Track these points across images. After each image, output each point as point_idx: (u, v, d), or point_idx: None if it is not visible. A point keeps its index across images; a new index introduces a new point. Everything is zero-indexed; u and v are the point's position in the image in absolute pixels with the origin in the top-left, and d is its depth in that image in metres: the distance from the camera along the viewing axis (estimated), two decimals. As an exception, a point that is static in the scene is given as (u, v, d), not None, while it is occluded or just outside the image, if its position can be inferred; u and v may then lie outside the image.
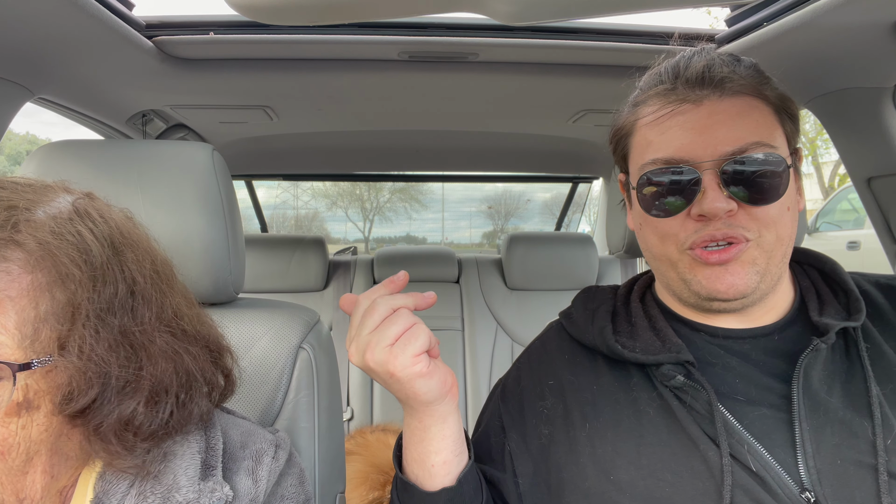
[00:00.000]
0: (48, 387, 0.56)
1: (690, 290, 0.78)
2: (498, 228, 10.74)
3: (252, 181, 2.99)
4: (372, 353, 0.66)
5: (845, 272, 0.84)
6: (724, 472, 0.70)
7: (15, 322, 0.53)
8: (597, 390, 0.83)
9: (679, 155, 0.75)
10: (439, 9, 0.80)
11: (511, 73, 1.50)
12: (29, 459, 0.58)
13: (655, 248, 0.80)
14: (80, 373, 0.56)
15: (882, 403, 0.72)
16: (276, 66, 1.45)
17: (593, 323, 0.87)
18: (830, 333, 0.75)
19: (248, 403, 0.92)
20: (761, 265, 0.75)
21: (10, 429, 0.55)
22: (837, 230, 7.15)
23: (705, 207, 0.73)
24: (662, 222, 0.77)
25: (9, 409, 0.54)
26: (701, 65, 0.76)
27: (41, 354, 0.55)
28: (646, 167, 0.78)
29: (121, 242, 0.62)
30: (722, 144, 0.73)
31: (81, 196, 0.64)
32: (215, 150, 0.95)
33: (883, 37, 1.05)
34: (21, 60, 1.13)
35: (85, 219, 0.60)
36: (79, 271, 0.57)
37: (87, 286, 0.57)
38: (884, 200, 1.35)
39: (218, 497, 0.65)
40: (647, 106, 0.80)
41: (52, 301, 0.55)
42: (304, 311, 1.02)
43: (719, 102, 0.75)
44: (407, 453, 0.77)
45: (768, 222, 0.74)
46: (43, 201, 0.58)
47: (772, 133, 0.76)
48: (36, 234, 0.55)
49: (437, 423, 0.74)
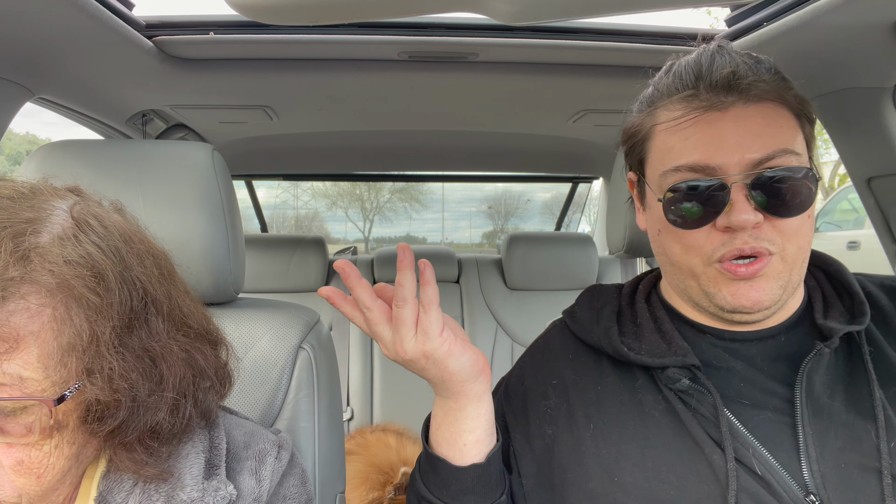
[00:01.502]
0: (75, 405, 0.57)
1: (713, 302, 0.76)
2: (498, 228, 10.75)
3: (252, 181, 2.99)
4: (402, 346, 0.69)
5: (850, 274, 0.83)
6: (729, 476, 0.70)
7: (37, 355, 0.54)
8: (601, 391, 0.82)
9: (705, 162, 0.72)
10: (439, 9, 0.80)
11: (511, 73, 1.49)
12: (62, 476, 0.58)
13: (678, 258, 0.78)
14: (108, 395, 0.57)
15: (886, 407, 0.72)
16: (276, 66, 1.45)
17: (598, 323, 0.86)
18: (834, 338, 0.74)
19: (249, 403, 0.92)
20: (784, 278, 0.74)
21: (45, 450, 0.56)
22: (837, 230, 7.15)
23: (733, 220, 0.70)
24: (686, 233, 0.75)
25: (41, 432, 0.55)
26: (727, 70, 0.74)
27: (68, 382, 0.55)
28: (668, 175, 0.76)
29: (126, 252, 0.61)
30: (749, 153, 0.71)
31: (71, 197, 0.62)
32: (215, 150, 0.95)
33: (883, 37, 1.05)
34: (21, 60, 1.13)
35: (89, 233, 0.59)
36: (96, 297, 0.56)
37: (105, 309, 0.57)
38: (884, 200, 1.35)
39: (222, 496, 0.65)
40: (668, 111, 0.77)
41: (72, 329, 0.55)
42: (304, 311, 1.02)
43: (745, 109, 0.73)
44: (438, 434, 0.78)
45: (791, 234, 0.72)
46: (41, 218, 0.57)
47: (795, 139, 0.74)
48: (50, 268, 0.54)
49: (472, 403, 0.75)
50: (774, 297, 0.73)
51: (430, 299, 0.70)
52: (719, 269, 0.74)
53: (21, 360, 0.53)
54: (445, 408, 0.76)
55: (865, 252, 6.35)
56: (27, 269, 0.53)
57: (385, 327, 0.71)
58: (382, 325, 0.71)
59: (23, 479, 0.55)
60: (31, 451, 0.55)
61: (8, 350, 0.52)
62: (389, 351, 0.72)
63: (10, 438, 0.54)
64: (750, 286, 0.73)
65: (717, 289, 0.75)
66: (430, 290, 0.70)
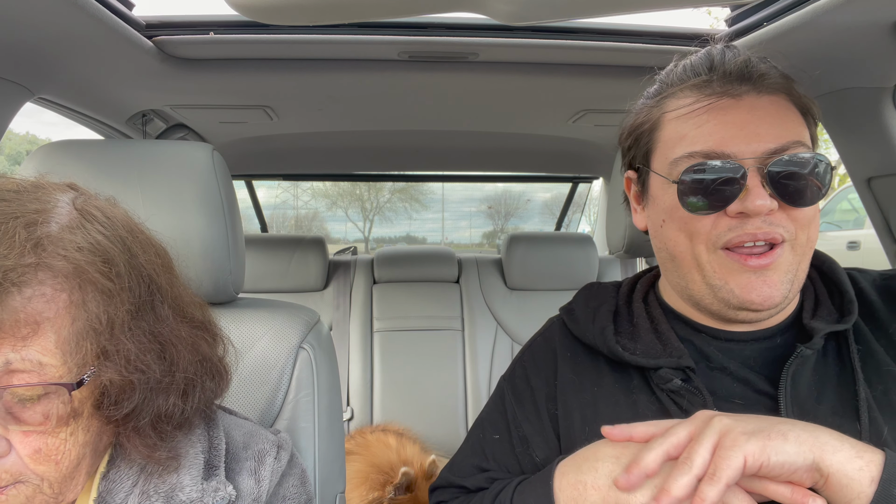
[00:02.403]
0: (89, 393, 0.58)
1: (717, 297, 0.74)
2: (498, 228, 10.74)
3: (252, 181, 2.99)
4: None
5: (842, 271, 0.83)
6: None
7: (55, 342, 0.55)
8: (598, 391, 0.82)
9: (721, 148, 0.72)
10: (439, 9, 0.80)
11: (511, 73, 1.49)
12: (78, 464, 0.60)
13: (680, 247, 0.76)
14: (123, 379, 0.58)
15: (871, 407, 0.71)
16: (276, 66, 1.45)
17: (594, 322, 0.86)
18: (815, 339, 0.74)
19: (248, 403, 0.92)
20: (793, 271, 0.73)
21: (61, 437, 0.57)
22: (837, 230, 7.14)
23: (748, 205, 0.69)
24: (694, 219, 0.74)
25: (58, 419, 0.56)
26: (741, 59, 0.74)
27: (85, 367, 0.57)
28: (681, 161, 0.74)
29: (130, 241, 0.63)
30: (764, 141, 0.71)
31: (70, 191, 0.64)
32: (215, 150, 0.95)
33: (883, 37, 1.05)
34: (21, 60, 1.13)
35: (93, 222, 0.60)
36: (108, 282, 0.58)
37: (118, 293, 0.58)
38: (884, 200, 1.35)
39: (221, 496, 0.65)
40: (678, 99, 0.77)
41: (87, 315, 0.56)
42: (304, 311, 1.02)
43: (758, 99, 0.73)
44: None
45: (804, 223, 0.72)
46: (47, 209, 0.58)
47: (803, 133, 0.74)
48: (64, 254, 0.56)
49: None
50: (784, 291, 0.72)
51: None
52: (726, 257, 0.72)
53: (39, 346, 0.54)
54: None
55: (865, 252, 6.35)
56: (42, 256, 0.55)
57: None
58: None
59: (42, 467, 0.56)
60: (48, 438, 0.56)
61: (27, 336, 0.53)
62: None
63: (27, 427, 0.55)
64: (762, 280, 0.71)
65: (724, 281, 0.73)
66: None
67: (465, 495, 0.86)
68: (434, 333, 2.42)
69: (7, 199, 0.57)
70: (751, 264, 0.71)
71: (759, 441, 0.58)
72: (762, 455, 0.57)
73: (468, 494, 0.86)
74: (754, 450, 0.57)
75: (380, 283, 2.53)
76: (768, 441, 0.58)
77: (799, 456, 0.58)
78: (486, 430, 0.90)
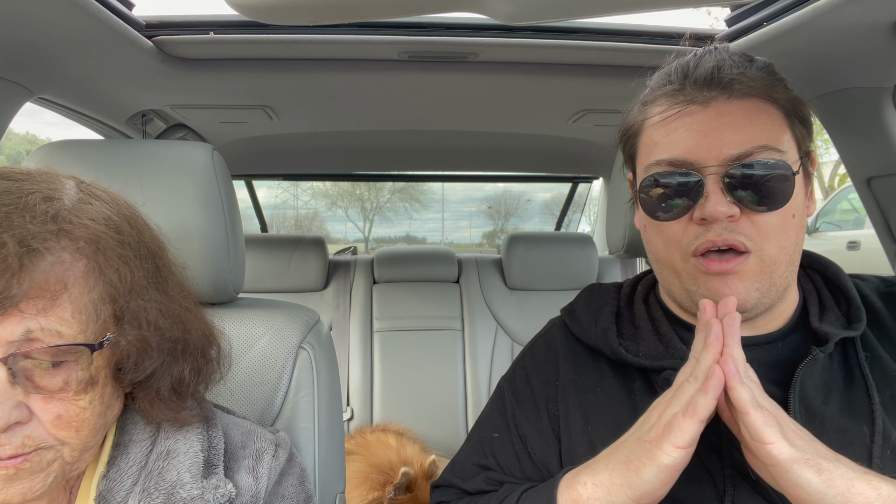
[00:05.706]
0: (105, 361, 0.61)
1: (693, 300, 0.76)
2: (498, 228, 10.75)
3: (252, 181, 2.99)
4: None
5: (848, 278, 0.83)
6: (725, 481, 0.70)
7: (71, 311, 0.57)
8: (600, 393, 0.82)
9: (684, 157, 0.73)
10: (439, 9, 0.80)
11: (511, 73, 1.50)
12: (96, 432, 0.62)
13: (660, 253, 0.79)
14: (142, 338, 0.61)
15: (880, 411, 0.72)
16: (276, 66, 1.45)
17: (597, 324, 0.86)
18: (830, 343, 0.74)
19: (248, 403, 0.92)
20: (764, 281, 0.73)
21: (80, 405, 0.59)
22: (837, 230, 7.15)
23: (707, 211, 0.71)
24: (666, 226, 0.76)
25: (77, 385, 0.58)
26: (710, 65, 0.75)
27: (104, 333, 0.59)
28: (650, 168, 0.77)
29: (134, 220, 0.66)
30: (727, 147, 0.72)
31: (75, 179, 0.66)
32: (215, 150, 0.95)
33: (883, 37, 1.05)
34: (21, 60, 1.13)
35: (100, 200, 0.63)
36: (122, 250, 0.61)
37: (130, 263, 0.62)
38: (884, 200, 1.35)
39: (221, 493, 0.66)
40: (656, 106, 0.79)
41: (104, 283, 0.59)
42: (304, 310, 1.02)
43: (727, 104, 0.74)
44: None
45: (769, 232, 0.72)
46: (57, 187, 0.61)
47: (779, 137, 0.74)
48: (80, 221, 0.59)
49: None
50: (750, 299, 0.73)
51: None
52: (696, 264, 0.74)
53: (57, 317, 0.56)
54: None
55: (865, 252, 6.35)
56: (61, 224, 0.57)
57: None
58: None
59: (63, 432, 0.58)
60: (68, 405, 0.58)
61: (47, 304, 0.55)
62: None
63: (47, 393, 0.57)
64: (723, 283, 0.73)
65: (696, 285, 0.75)
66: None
67: (468, 497, 0.86)
68: (434, 333, 2.42)
69: (20, 179, 0.59)
70: (713, 269, 0.72)
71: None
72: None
73: (470, 497, 0.86)
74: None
75: (380, 283, 2.53)
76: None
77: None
78: (485, 429, 0.91)
